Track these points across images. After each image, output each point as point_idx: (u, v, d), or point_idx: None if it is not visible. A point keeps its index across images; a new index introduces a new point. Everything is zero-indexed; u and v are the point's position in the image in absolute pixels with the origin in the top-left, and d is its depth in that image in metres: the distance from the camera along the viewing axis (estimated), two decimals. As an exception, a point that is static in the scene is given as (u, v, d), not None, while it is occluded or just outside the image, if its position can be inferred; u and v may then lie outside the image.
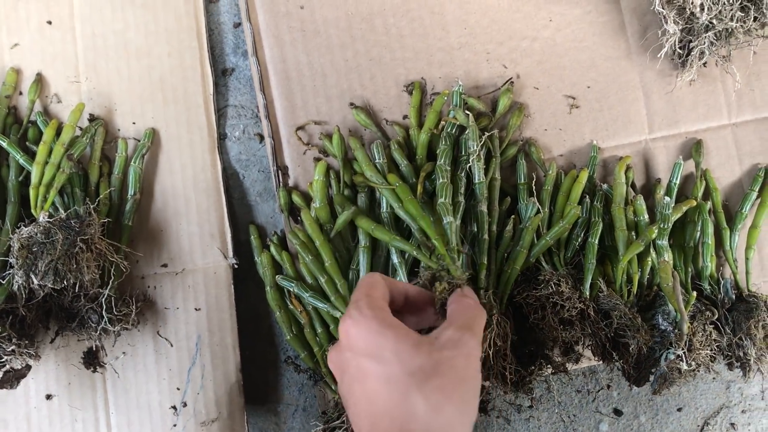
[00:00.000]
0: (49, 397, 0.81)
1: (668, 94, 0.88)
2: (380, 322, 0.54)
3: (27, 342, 0.75)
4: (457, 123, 0.81)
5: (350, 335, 0.54)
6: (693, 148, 0.87)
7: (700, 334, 0.78)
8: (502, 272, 0.79)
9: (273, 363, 0.87)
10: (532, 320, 0.77)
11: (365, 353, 0.53)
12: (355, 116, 0.85)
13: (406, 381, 0.51)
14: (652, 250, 0.81)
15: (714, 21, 0.79)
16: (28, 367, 0.77)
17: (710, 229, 0.84)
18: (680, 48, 0.84)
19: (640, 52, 0.88)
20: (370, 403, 0.53)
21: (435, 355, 0.53)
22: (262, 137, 0.88)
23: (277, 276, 0.83)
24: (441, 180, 0.77)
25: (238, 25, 0.89)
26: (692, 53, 0.83)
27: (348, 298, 0.80)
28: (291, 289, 0.82)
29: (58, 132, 0.81)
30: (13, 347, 0.73)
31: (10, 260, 0.74)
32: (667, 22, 0.80)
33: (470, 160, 0.79)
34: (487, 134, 0.81)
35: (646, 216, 0.82)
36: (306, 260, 0.81)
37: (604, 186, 0.85)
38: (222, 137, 0.88)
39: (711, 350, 0.78)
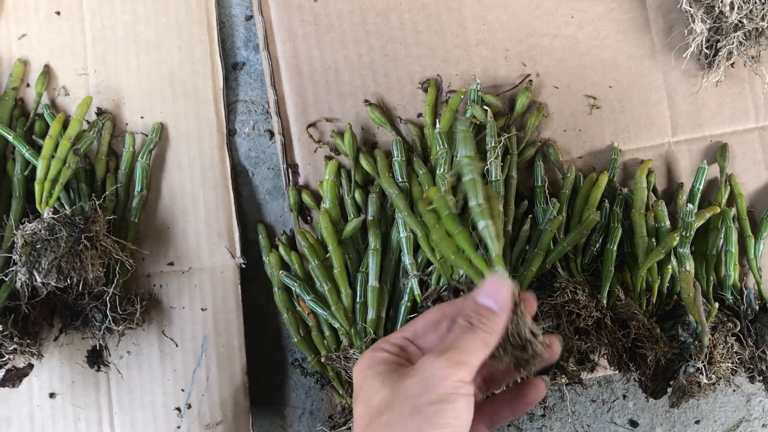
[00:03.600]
0: (52, 395, 0.80)
1: (693, 96, 0.85)
2: (362, 361, 0.55)
3: (29, 341, 0.74)
4: (476, 122, 0.78)
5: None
6: (718, 152, 0.84)
7: (722, 346, 0.76)
8: (516, 276, 0.76)
9: (280, 365, 0.85)
10: (546, 329, 0.74)
11: (354, 393, 0.55)
12: (370, 114, 0.83)
13: (366, 421, 0.51)
14: (672, 257, 0.78)
15: (744, 20, 0.75)
16: (31, 366, 0.76)
17: (734, 237, 0.81)
18: (707, 48, 0.81)
19: (665, 51, 0.85)
20: None
21: (395, 387, 0.51)
22: (272, 134, 0.86)
23: (281, 272, 0.81)
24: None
25: (249, 17, 0.87)
26: (720, 53, 0.80)
27: (350, 309, 0.78)
28: (293, 288, 0.80)
29: (65, 126, 0.79)
30: (15, 346, 0.72)
31: (14, 257, 0.72)
32: (694, 21, 0.77)
33: (488, 157, 0.76)
34: (506, 135, 0.78)
35: (668, 222, 0.79)
36: (313, 264, 0.79)
37: (625, 190, 0.82)
38: (231, 133, 0.86)
39: (732, 363, 0.76)
